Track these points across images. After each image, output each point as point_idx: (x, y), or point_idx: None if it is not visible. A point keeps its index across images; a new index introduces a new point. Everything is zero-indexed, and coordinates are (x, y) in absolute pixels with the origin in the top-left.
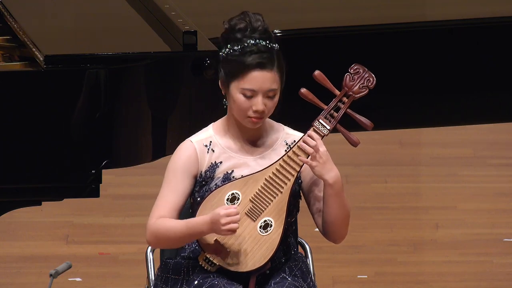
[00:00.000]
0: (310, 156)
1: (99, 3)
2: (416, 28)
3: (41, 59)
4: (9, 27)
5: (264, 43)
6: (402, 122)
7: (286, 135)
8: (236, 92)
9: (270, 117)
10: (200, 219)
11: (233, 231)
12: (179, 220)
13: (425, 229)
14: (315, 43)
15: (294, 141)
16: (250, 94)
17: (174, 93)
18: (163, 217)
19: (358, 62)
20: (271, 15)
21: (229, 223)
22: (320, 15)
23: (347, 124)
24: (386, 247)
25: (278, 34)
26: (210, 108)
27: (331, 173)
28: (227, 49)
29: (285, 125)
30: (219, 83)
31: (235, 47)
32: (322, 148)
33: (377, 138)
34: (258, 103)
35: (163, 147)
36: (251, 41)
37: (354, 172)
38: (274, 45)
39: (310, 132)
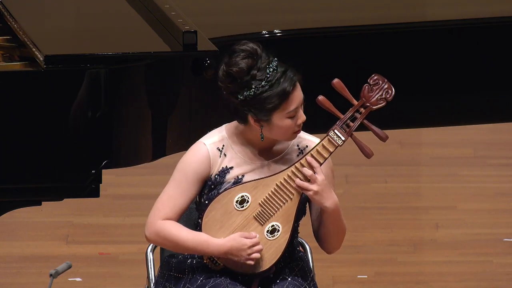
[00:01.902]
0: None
1: (99, 3)
2: (416, 28)
3: (41, 59)
4: (9, 27)
5: (276, 63)
6: (402, 122)
7: (298, 139)
8: (281, 119)
9: None
10: (218, 243)
11: (254, 260)
12: (191, 232)
13: (425, 229)
14: (315, 43)
15: (307, 146)
16: (294, 113)
17: (174, 93)
18: (169, 219)
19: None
20: (271, 15)
21: (253, 253)
22: (320, 15)
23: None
24: (386, 247)
25: (278, 34)
26: (210, 108)
27: (329, 200)
28: (252, 90)
29: None
30: (251, 122)
31: (260, 84)
32: (320, 177)
33: (377, 138)
34: (302, 115)
35: (163, 147)
36: (269, 69)
37: (354, 172)
38: (275, 58)
39: (309, 159)
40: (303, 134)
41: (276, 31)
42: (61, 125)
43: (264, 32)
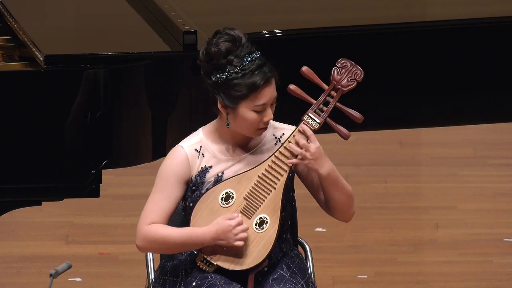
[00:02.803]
0: (299, 156)
1: (99, 3)
2: (416, 28)
3: (41, 59)
4: (9, 27)
5: (256, 55)
6: (402, 122)
7: (274, 129)
8: (247, 111)
9: None
10: (204, 230)
11: (243, 240)
12: (177, 228)
13: (425, 229)
14: (315, 43)
15: (283, 134)
16: (262, 109)
17: (174, 93)
18: (156, 223)
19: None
20: (271, 15)
21: (240, 232)
22: (320, 15)
23: (342, 121)
24: (386, 247)
25: (278, 34)
26: (210, 108)
27: (325, 167)
28: (225, 74)
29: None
30: (218, 106)
31: (234, 70)
32: (315, 145)
33: (377, 138)
34: (270, 114)
35: (163, 147)
36: (247, 58)
37: (354, 172)
38: (259, 52)
39: (303, 126)
40: (277, 124)
41: (276, 31)
42: (61, 125)
43: (264, 32)
